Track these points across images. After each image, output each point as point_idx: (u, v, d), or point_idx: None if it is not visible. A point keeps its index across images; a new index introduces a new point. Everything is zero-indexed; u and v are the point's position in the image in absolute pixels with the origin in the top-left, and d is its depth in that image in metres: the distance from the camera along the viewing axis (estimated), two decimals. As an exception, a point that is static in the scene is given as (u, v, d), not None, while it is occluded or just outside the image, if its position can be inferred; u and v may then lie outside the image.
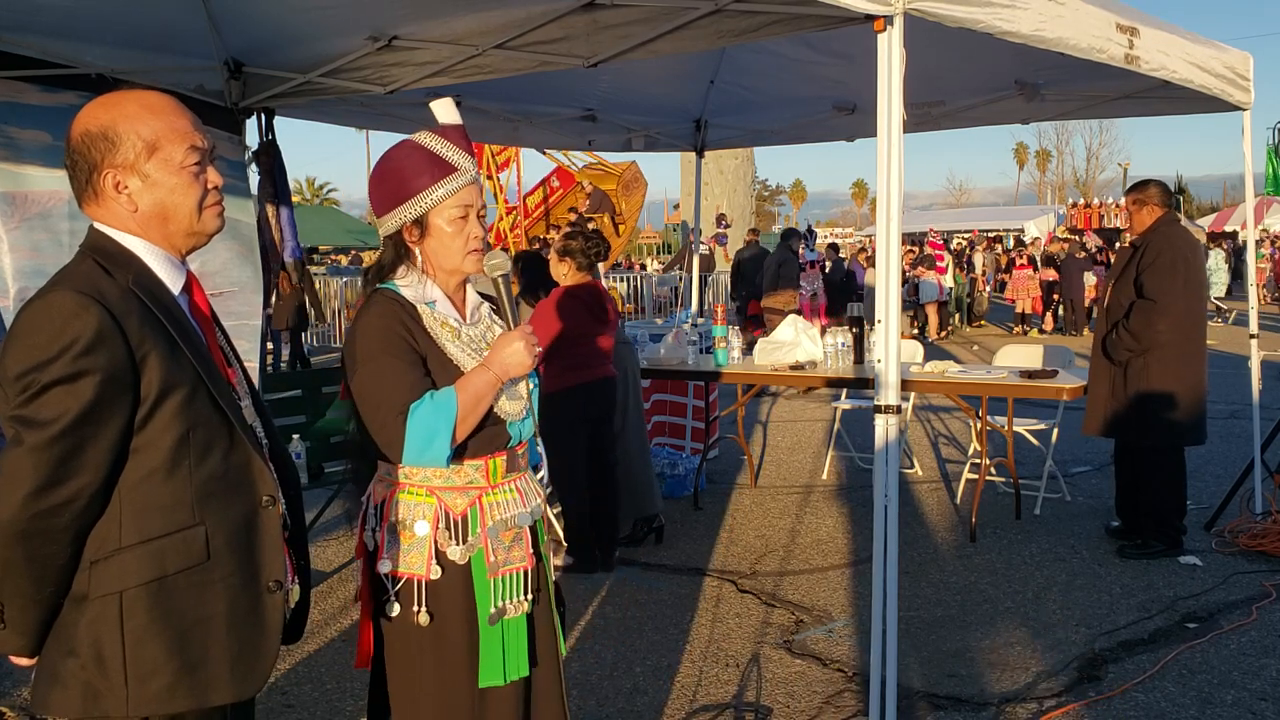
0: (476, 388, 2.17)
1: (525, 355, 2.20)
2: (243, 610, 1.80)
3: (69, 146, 1.78)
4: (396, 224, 2.25)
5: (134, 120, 1.77)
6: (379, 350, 2.18)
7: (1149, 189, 5.39)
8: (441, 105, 2.31)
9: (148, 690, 1.72)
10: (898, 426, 3.29)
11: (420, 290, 2.26)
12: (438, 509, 2.22)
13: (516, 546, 2.29)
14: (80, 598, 1.72)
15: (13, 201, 4.25)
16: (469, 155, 2.27)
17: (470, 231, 2.25)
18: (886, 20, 3.12)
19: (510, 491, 2.30)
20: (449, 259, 2.26)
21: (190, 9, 4.25)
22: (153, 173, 1.79)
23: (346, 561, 5.45)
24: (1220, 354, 13.65)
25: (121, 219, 1.80)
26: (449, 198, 2.22)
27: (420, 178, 2.21)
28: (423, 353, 2.20)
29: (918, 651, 4.14)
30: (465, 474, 2.24)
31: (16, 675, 3.96)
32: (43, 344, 1.64)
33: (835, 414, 7.39)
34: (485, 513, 2.25)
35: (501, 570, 2.25)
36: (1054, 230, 25.22)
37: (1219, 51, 5.21)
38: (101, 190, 1.78)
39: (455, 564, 2.22)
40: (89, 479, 1.67)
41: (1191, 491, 6.37)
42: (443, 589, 2.22)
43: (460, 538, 2.22)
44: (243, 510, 1.82)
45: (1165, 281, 5.11)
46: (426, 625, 2.21)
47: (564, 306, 5.16)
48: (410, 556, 2.22)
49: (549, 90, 6.17)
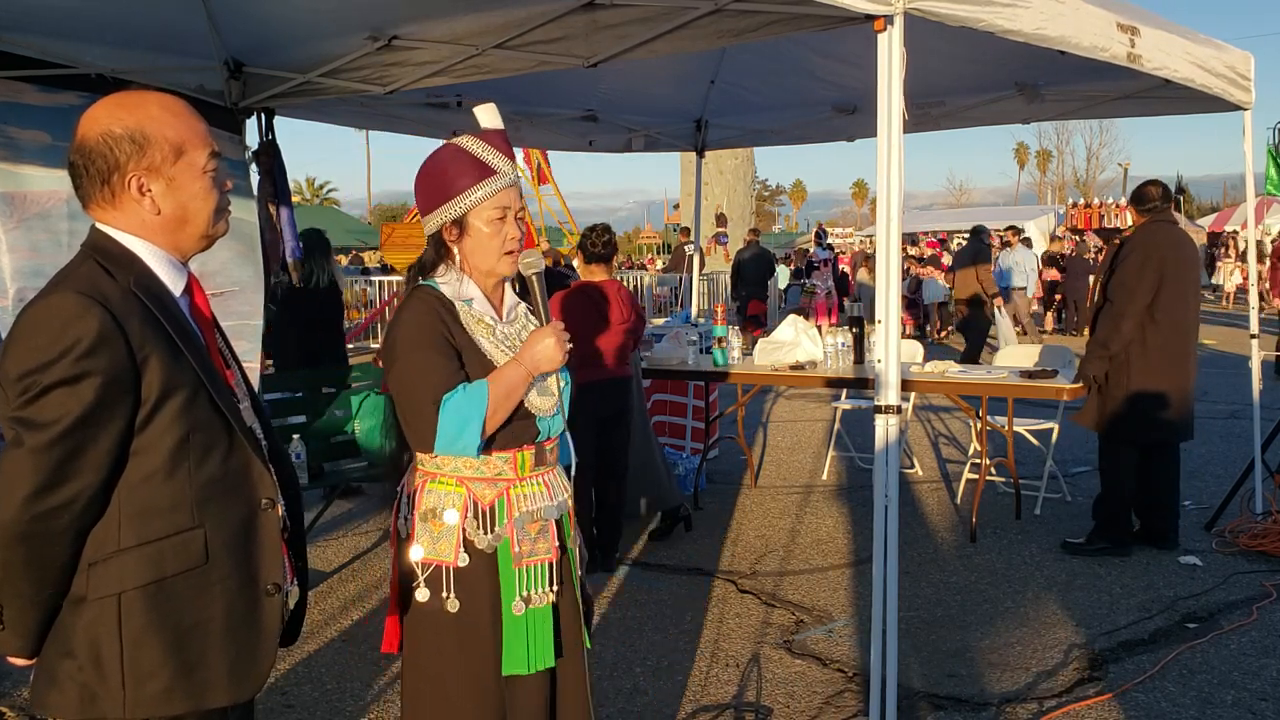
0: (509, 381, 2.26)
1: (556, 351, 2.29)
2: (241, 613, 1.80)
3: (82, 146, 1.76)
4: (437, 224, 2.34)
5: (159, 123, 1.77)
6: (416, 344, 2.27)
7: (1148, 189, 5.42)
8: (484, 110, 2.39)
9: (145, 692, 1.72)
10: (898, 426, 3.29)
11: (458, 288, 2.35)
12: (467, 498, 2.31)
13: (542, 539, 2.37)
14: (78, 599, 1.72)
15: (12, 201, 4.25)
16: (509, 159, 2.35)
17: (507, 233, 2.33)
18: (886, 20, 3.12)
19: (538, 485, 2.39)
20: (485, 259, 2.34)
21: (190, 9, 4.25)
22: (178, 176, 1.79)
23: (346, 561, 5.46)
24: (1220, 354, 13.65)
25: (134, 221, 1.79)
26: (487, 200, 2.30)
27: (460, 180, 2.30)
28: (459, 347, 2.29)
29: (918, 651, 4.14)
30: (494, 466, 2.32)
31: (16, 675, 3.96)
32: (44, 345, 1.63)
33: (835, 414, 7.38)
34: (512, 504, 2.33)
35: (527, 561, 2.33)
36: (1053, 230, 25.17)
37: (1220, 51, 5.21)
38: (120, 192, 1.77)
39: (482, 552, 2.30)
40: (89, 481, 1.67)
41: (1191, 491, 6.38)
42: (470, 577, 2.30)
43: (488, 527, 2.31)
44: (242, 513, 1.82)
45: (1127, 282, 5.15)
46: (455, 611, 2.29)
47: (571, 304, 5.17)
48: (440, 544, 2.30)
49: (549, 90, 6.17)
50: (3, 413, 1.67)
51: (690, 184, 10.45)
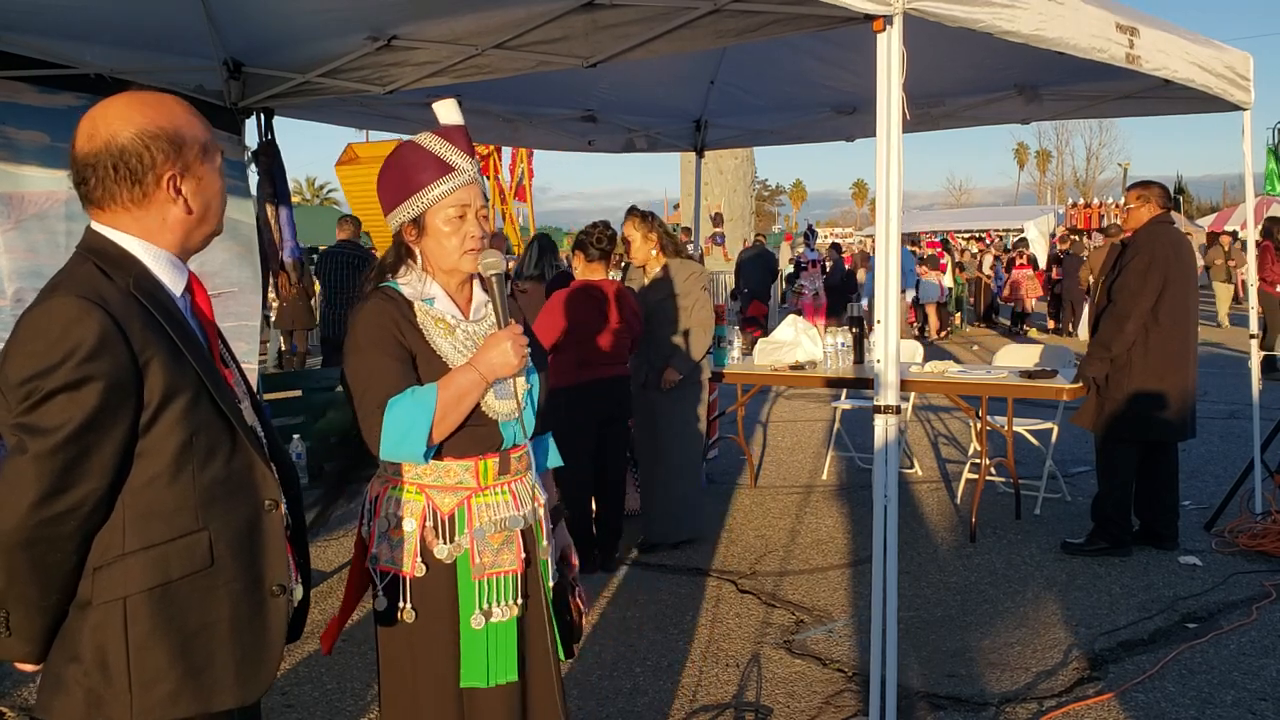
0: (459, 386, 2.19)
1: (511, 356, 2.20)
2: (246, 615, 1.80)
3: (112, 147, 1.73)
4: (397, 223, 2.28)
5: (187, 123, 1.79)
6: (365, 345, 2.22)
7: (1152, 188, 5.42)
8: (443, 106, 2.33)
9: (151, 696, 1.71)
10: (897, 426, 3.29)
11: (420, 288, 2.28)
12: (426, 506, 2.24)
13: (506, 550, 2.28)
14: (84, 604, 1.71)
15: (10, 202, 4.25)
16: (469, 156, 2.27)
17: (467, 231, 2.26)
18: (886, 20, 3.12)
19: (503, 494, 2.30)
20: (446, 258, 2.27)
21: (190, 9, 4.24)
22: (205, 176, 1.81)
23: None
24: (1220, 354, 13.65)
25: (155, 221, 1.78)
26: (445, 197, 2.23)
27: (418, 178, 2.24)
28: (411, 349, 2.22)
29: (918, 651, 4.14)
30: (454, 474, 2.26)
31: (16, 676, 3.96)
32: (44, 350, 1.62)
33: (835, 414, 7.38)
34: (473, 514, 2.25)
35: (489, 573, 2.25)
36: (1054, 231, 25.19)
37: (1219, 51, 5.21)
38: (153, 191, 1.76)
39: (441, 563, 2.24)
40: (94, 485, 1.66)
41: (1191, 491, 6.38)
42: (428, 587, 2.24)
43: (447, 537, 2.24)
44: (245, 514, 1.81)
45: (1131, 284, 5.14)
46: (412, 622, 2.23)
47: (573, 301, 5.17)
48: (398, 552, 2.24)
49: (549, 90, 6.17)
50: (3, 419, 1.66)
51: (690, 184, 10.45)
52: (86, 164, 1.75)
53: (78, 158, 1.76)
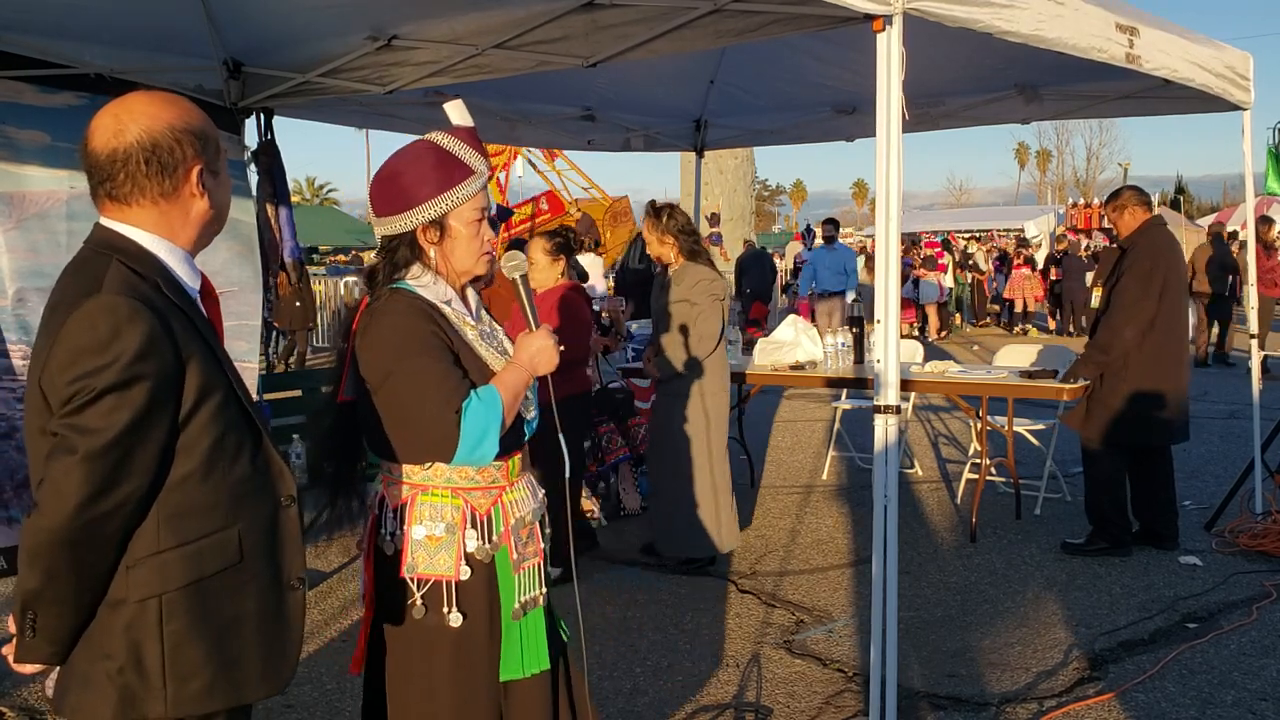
0: (515, 385, 2.20)
1: (553, 353, 2.25)
2: (271, 608, 1.82)
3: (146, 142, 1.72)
4: (411, 224, 2.22)
5: (204, 121, 1.82)
6: (414, 350, 2.15)
7: (1123, 194, 5.48)
8: (454, 107, 2.33)
9: (187, 691, 1.73)
10: (898, 426, 3.29)
11: (436, 289, 2.25)
12: (464, 509, 2.24)
13: (531, 541, 2.34)
14: (117, 602, 1.71)
15: (10, 202, 4.25)
16: (483, 158, 2.28)
17: (484, 234, 2.28)
18: (886, 20, 3.12)
19: (524, 489, 2.35)
20: (463, 260, 2.27)
21: (190, 9, 4.25)
22: (221, 173, 1.85)
23: (346, 561, 5.45)
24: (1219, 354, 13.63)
25: (177, 217, 1.79)
26: (467, 200, 2.23)
27: (441, 179, 2.20)
28: (455, 351, 2.20)
29: (918, 651, 4.14)
30: (489, 473, 2.27)
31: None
32: (95, 350, 1.61)
33: (835, 414, 7.38)
34: (507, 510, 2.29)
35: (523, 566, 2.30)
36: (1054, 231, 25.15)
37: (1219, 51, 5.21)
38: (181, 186, 1.77)
39: (481, 563, 2.25)
40: (138, 484, 1.66)
41: (1192, 491, 6.38)
42: (471, 589, 2.24)
43: (486, 536, 2.25)
44: (269, 510, 1.83)
45: (1133, 289, 5.14)
46: (457, 626, 2.22)
47: (572, 305, 5.12)
48: (438, 558, 2.22)
49: (548, 90, 6.17)
50: (43, 419, 1.66)
51: (690, 184, 10.45)
52: (114, 160, 1.73)
53: (101, 154, 1.73)
